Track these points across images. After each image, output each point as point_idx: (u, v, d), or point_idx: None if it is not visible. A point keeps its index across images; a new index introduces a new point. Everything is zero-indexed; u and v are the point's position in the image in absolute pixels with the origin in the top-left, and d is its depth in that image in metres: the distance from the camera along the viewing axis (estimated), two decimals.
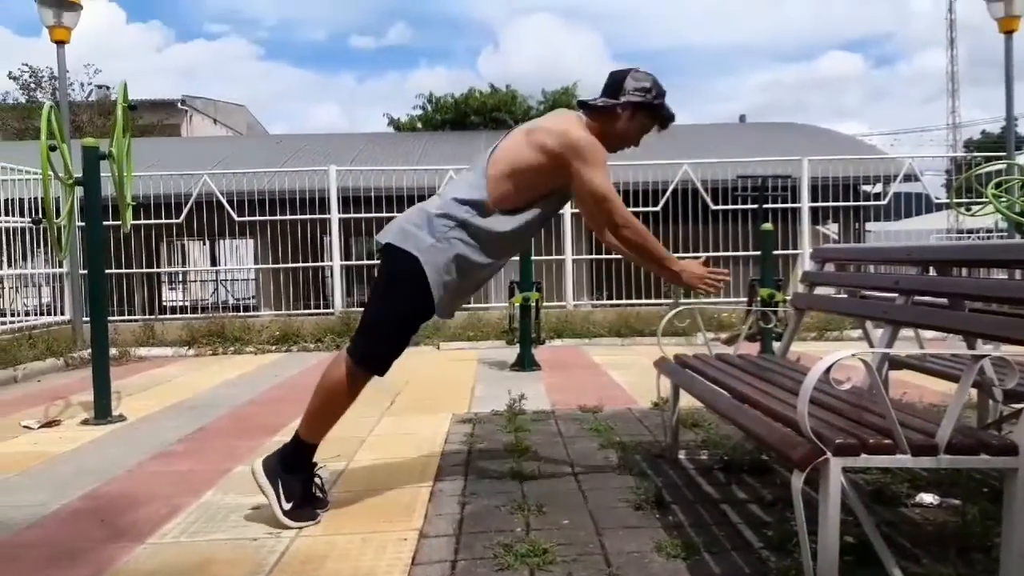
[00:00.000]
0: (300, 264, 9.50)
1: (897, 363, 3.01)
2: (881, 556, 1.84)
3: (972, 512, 2.37)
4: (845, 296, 2.94)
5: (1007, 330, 1.91)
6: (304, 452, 2.56)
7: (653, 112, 2.63)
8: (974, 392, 2.99)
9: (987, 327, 1.99)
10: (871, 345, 2.89)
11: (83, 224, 4.70)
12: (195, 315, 9.25)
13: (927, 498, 2.57)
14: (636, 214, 8.57)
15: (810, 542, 1.72)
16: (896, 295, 2.47)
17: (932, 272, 2.40)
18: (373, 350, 2.52)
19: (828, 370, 1.75)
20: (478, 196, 2.48)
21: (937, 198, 8.81)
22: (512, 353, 6.08)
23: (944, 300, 2.30)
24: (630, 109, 2.58)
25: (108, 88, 23.61)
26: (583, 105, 2.66)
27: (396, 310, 2.51)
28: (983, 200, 5.40)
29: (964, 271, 2.65)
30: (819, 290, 3.26)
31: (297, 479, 2.52)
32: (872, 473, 2.73)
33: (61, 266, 8.15)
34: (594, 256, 9.64)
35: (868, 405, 2.08)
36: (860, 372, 2.59)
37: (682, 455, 3.15)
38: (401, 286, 2.48)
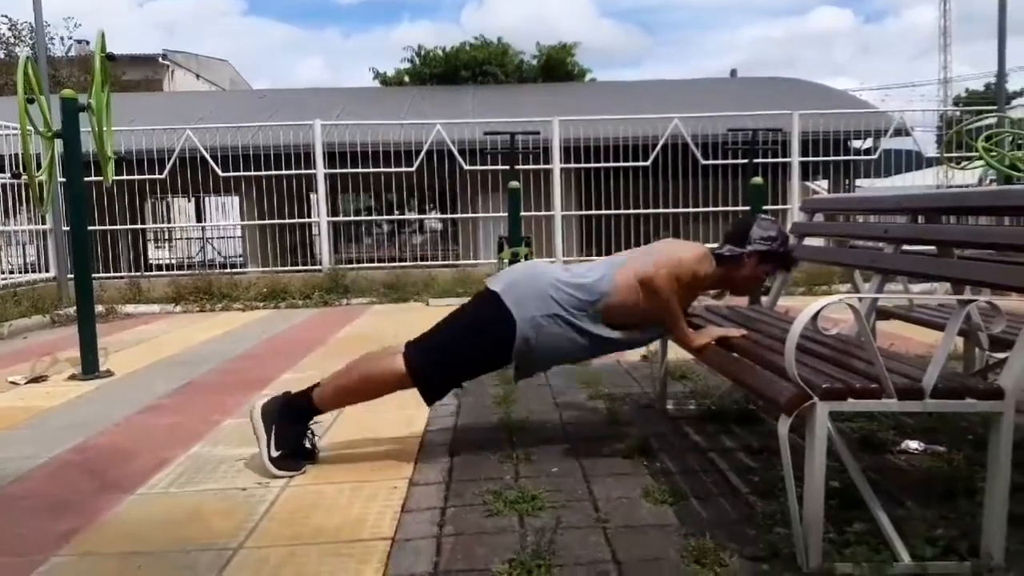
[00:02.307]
0: (286, 220, 9.42)
1: (885, 313, 3.02)
2: (867, 500, 1.86)
3: (957, 458, 2.41)
4: (834, 247, 2.94)
5: (996, 276, 1.91)
6: (309, 412, 2.57)
7: (777, 259, 2.66)
8: (961, 342, 3.02)
9: (977, 273, 1.98)
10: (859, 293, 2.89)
11: (64, 179, 4.62)
12: (181, 272, 9.18)
13: (912, 444, 2.60)
14: (627, 169, 8.53)
15: (796, 487, 1.73)
16: (885, 244, 2.47)
17: (921, 221, 2.39)
18: (434, 370, 2.52)
19: (816, 316, 1.76)
20: (593, 303, 2.51)
21: (927, 154, 8.78)
22: None
23: (933, 248, 2.29)
24: (757, 257, 2.60)
25: (88, 43, 23.02)
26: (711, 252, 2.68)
27: (475, 351, 2.54)
28: (973, 155, 5.38)
29: (953, 219, 2.64)
30: (808, 241, 3.25)
31: (292, 430, 2.53)
32: (858, 421, 2.76)
33: (44, 222, 8.05)
34: (583, 212, 9.60)
35: (855, 351, 2.08)
36: (848, 322, 2.61)
37: (670, 405, 3.17)
38: (489, 333, 2.51)
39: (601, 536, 1.96)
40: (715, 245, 2.70)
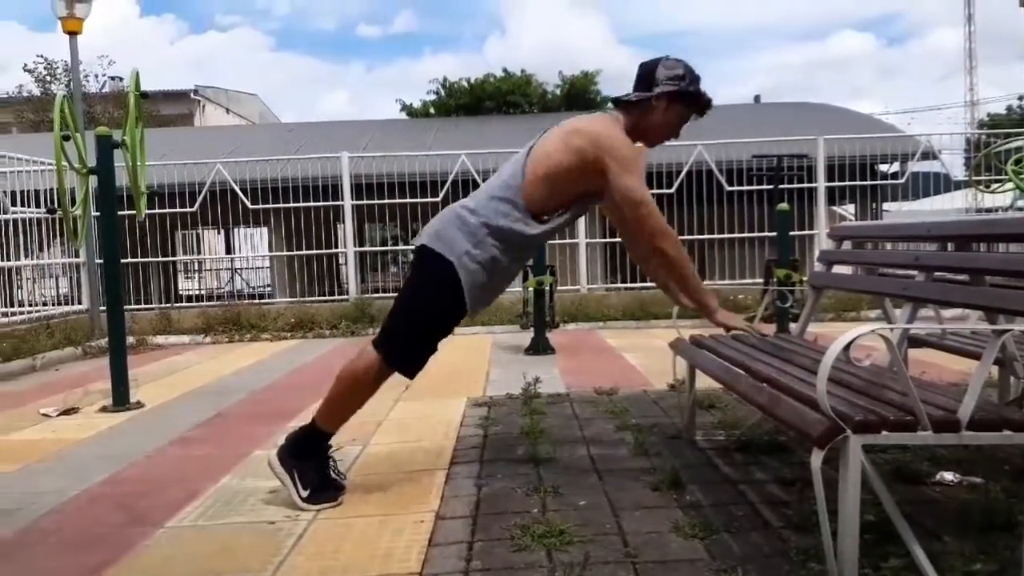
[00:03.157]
0: (314, 251, 9.52)
1: (917, 341, 2.97)
2: (902, 534, 1.82)
3: (994, 490, 2.35)
4: (863, 274, 2.90)
5: None
6: (319, 438, 2.57)
7: (689, 99, 2.55)
8: (994, 370, 2.96)
9: (1009, 302, 1.95)
10: (891, 323, 2.86)
11: (98, 213, 4.72)
12: (211, 303, 9.30)
13: (948, 476, 2.54)
14: (657, 195, 8.47)
15: (830, 522, 1.70)
16: (916, 272, 2.43)
17: (951, 248, 2.36)
18: (404, 350, 2.52)
19: (848, 346, 1.73)
20: (513, 197, 2.46)
21: (955, 177, 8.68)
22: (526, 337, 6.07)
23: (965, 276, 2.26)
24: (665, 99, 2.51)
25: (122, 79, 23.71)
26: (616, 102, 2.61)
27: (430, 310, 2.52)
28: (1003, 177, 5.31)
29: (984, 247, 2.60)
30: (837, 269, 3.22)
31: (311, 465, 2.53)
32: (891, 452, 2.70)
33: (78, 256, 8.22)
34: (608, 240, 9.59)
35: (888, 382, 2.05)
36: (880, 351, 2.57)
37: (699, 436, 3.13)
38: (435, 287, 2.49)
39: (631, 571, 1.93)
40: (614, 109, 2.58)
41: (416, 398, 4.30)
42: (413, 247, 2.56)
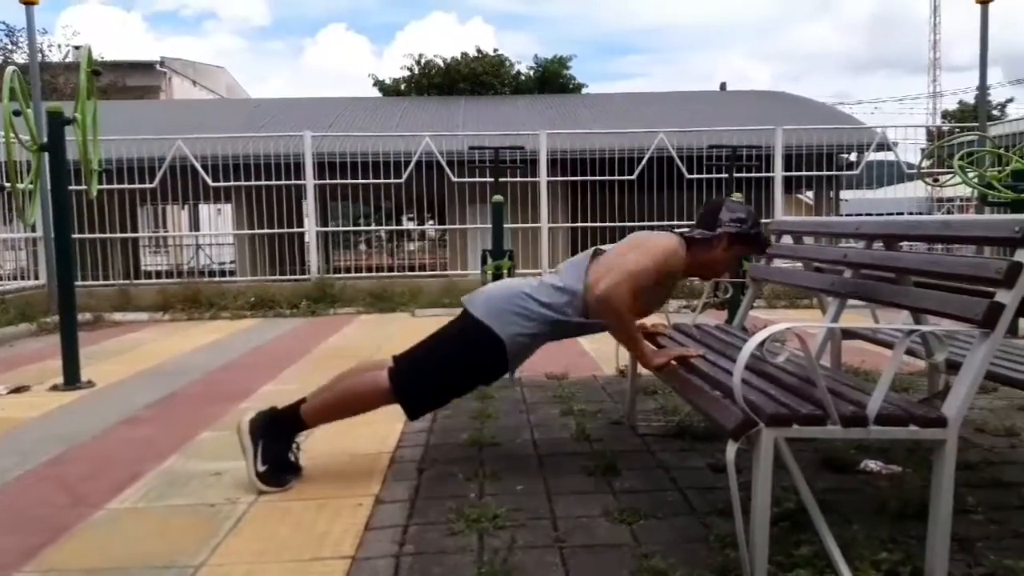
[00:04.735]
0: (276, 230, 9.45)
1: (850, 333, 3.07)
2: (815, 523, 1.91)
3: (912, 479, 2.46)
4: (801, 269, 2.99)
5: (942, 305, 1.96)
6: (295, 427, 2.60)
7: (750, 240, 2.66)
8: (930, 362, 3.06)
9: (927, 302, 2.04)
10: (823, 314, 2.95)
11: (51, 190, 4.65)
12: (170, 280, 9.21)
13: (872, 464, 2.65)
14: (613, 182, 8.61)
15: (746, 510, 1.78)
16: (845, 268, 2.52)
17: (880, 246, 2.45)
18: (420, 390, 2.56)
19: (762, 344, 1.80)
20: (572, 292, 2.55)
21: (909, 168, 8.87)
22: None
23: (890, 274, 2.35)
24: (726, 240, 2.61)
25: (86, 45, 23.13)
26: (682, 237, 2.69)
27: (466, 372, 2.58)
28: (950, 171, 5.45)
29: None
30: (779, 262, 3.31)
31: (278, 445, 2.57)
32: (820, 440, 2.80)
33: (35, 230, 8.07)
34: (570, 224, 9.67)
35: (811, 375, 2.13)
36: (817, 339, 2.66)
37: (639, 422, 3.22)
38: (479, 353, 2.54)
39: (557, 556, 2.00)
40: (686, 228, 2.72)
41: None
42: (467, 311, 2.60)
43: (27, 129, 4.30)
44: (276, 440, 2.56)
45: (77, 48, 24.20)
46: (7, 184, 4.39)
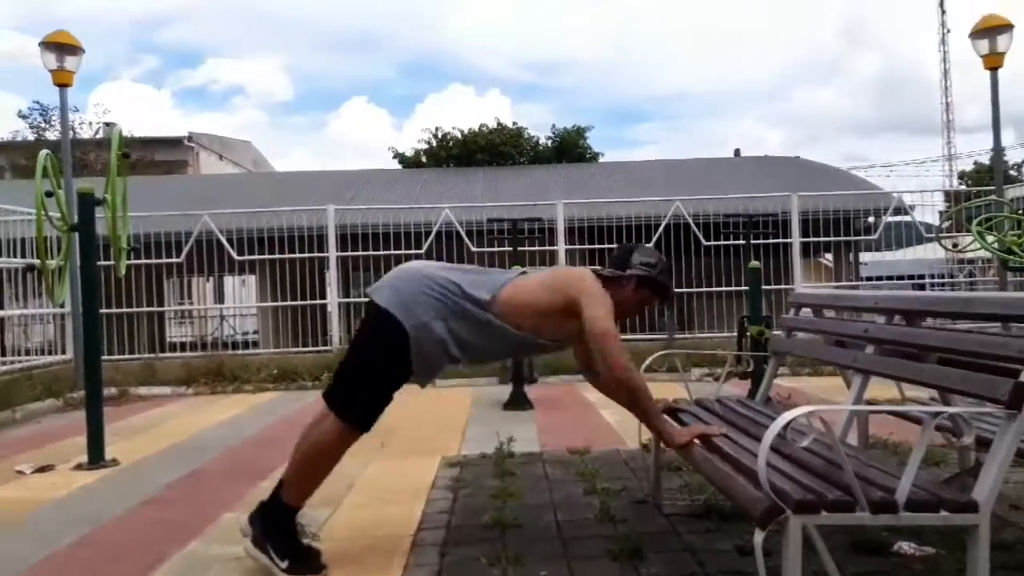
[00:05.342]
0: (299, 302, 9.57)
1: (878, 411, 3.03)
2: None
3: (946, 562, 2.38)
4: (820, 341, 2.98)
5: (967, 384, 1.94)
6: (287, 512, 2.58)
7: (656, 287, 2.74)
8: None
9: (951, 381, 2.02)
10: (848, 387, 2.92)
11: (80, 269, 4.77)
12: (195, 353, 9.30)
13: (905, 547, 2.57)
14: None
15: None
16: (867, 344, 2.51)
17: (900, 320, 2.44)
18: (355, 402, 2.56)
19: (786, 427, 1.79)
20: (485, 296, 2.55)
21: (928, 231, 8.86)
22: (506, 391, 6.10)
23: (912, 350, 2.33)
24: (635, 281, 2.69)
25: (114, 125, 24.00)
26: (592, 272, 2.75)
27: (379, 367, 2.56)
28: (969, 236, 5.44)
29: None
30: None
31: (286, 538, 2.54)
32: None
33: (63, 306, 8.23)
34: None
35: (837, 460, 2.10)
36: (841, 420, 2.63)
37: (665, 501, 3.16)
38: (386, 347, 2.53)
39: None
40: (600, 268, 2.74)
41: (391, 457, 4.32)
42: (371, 301, 2.58)
43: (58, 208, 4.45)
44: (280, 534, 2.54)
45: (108, 125, 25.13)
46: (37, 260, 4.51)
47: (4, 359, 7.77)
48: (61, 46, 7.35)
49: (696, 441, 2.45)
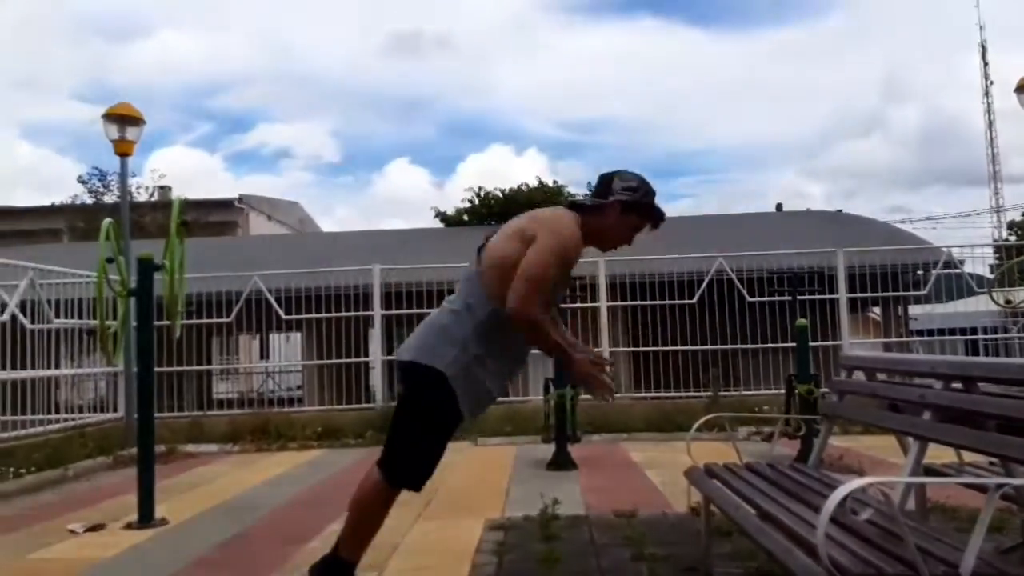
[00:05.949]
0: (343, 360, 9.68)
1: (935, 471, 2.94)
2: None
3: None
4: (874, 405, 2.92)
5: None
6: (346, 568, 2.59)
7: (643, 210, 2.71)
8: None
9: (1009, 450, 1.96)
10: (905, 453, 2.84)
11: (136, 330, 4.92)
12: (241, 410, 9.43)
13: None
14: (673, 306, 8.57)
15: None
16: (923, 409, 2.45)
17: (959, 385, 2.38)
18: (412, 470, 2.59)
19: (844, 500, 1.75)
20: (476, 297, 2.59)
21: (979, 286, 8.65)
22: (549, 450, 6.05)
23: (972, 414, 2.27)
24: (618, 207, 2.66)
25: (170, 188, 25.09)
26: (573, 205, 2.78)
27: (430, 425, 2.58)
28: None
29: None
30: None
31: None
32: None
33: (116, 365, 8.45)
34: (632, 348, 9.63)
35: (896, 528, 2.04)
36: (899, 490, 2.55)
37: (716, 568, 3.08)
38: (430, 399, 2.55)
39: None
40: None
41: (435, 516, 4.30)
42: (399, 361, 2.63)
43: (118, 273, 4.62)
44: None
45: (163, 189, 26.12)
46: (95, 322, 4.66)
47: (58, 416, 7.97)
48: (123, 117, 7.72)
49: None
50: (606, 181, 2.70)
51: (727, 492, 2.71)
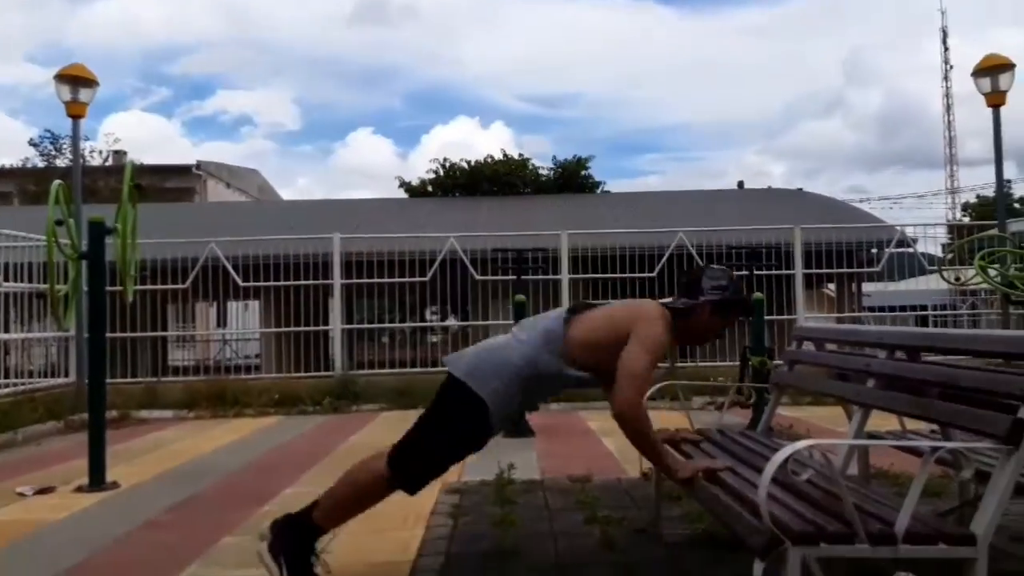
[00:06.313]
0: (302, 328, 9.60)
1: (878, 437, 3.04)
2: None
3: None
4: (823, 373, 2.99)
5: (966, 420, 1.96)
6: (313, 533, 2.59)
7: (733, 308, 2.71)
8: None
9: (948, 416, 2.03)
10: (849, 419, 2.92)
11: (88, 294, 4.81)
12: (197, 377, 9.31)
13: None
14: (633, 280, 8.68)
15: None
16: (869, 378, 2.52)
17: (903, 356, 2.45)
18: (419, 471, 2.57)
19: (786, 461, 1.80)
20: (553, 345, 2.56)
21: (930, 264, 8.90)
22: None
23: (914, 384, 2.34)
24: (709, 308, 2.64)
25: (125, 153, 24.38)
26: (665, 306, 2.71)
27: (454, 439, 2.58)
28: (971, 270, 5.47)
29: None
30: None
31: (300, 559, 2.54)
32: None
33: (68, 330, 8.27)
34: None
35: (837, 492, 2.10)
36: (841, 453, 2.63)
37: (665, 530, 3.15)
38: (462, 418, 2.54)
39: None
40: (668, 300, 2.71)
41: None
42: (449, 373, 2.59)
43: (68, 236, 4.50)
44: (298, 553, 2.54)
45: (117, 153, 25.42)
46: (45, 286, 4.55)
47: (7, 381, 7.78)
48: (76, 79, 7.49)
49: (699, 475, 2.44)
50: (695, 280, 2.69)
51: (677, 456, 2.75)
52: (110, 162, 24.78)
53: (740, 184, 24.14)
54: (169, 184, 22.97)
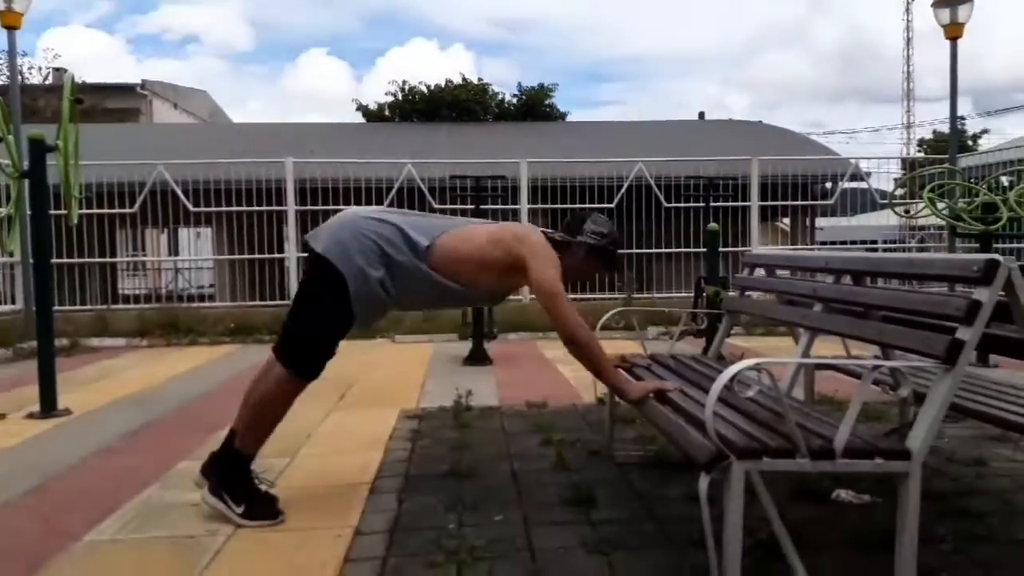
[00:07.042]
0: (256, 256, 9.44)
1: (819, 365, 3.15)
2: (787, 553, 1.95)
3: (883, 509, 2.51)
4: (773, 301, 3.07)
5: (905, 340, 2.03)
6: (242, 461, 2.60)
7: (605, 257, 2.75)
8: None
9: (889, 337, 2.11)
10: (796, 343, 3.02)
11: (31, 217, 4.65)
12: (149, 305, 9.16)
13: (844, 494, 2.70)
14: (592, 209, 8.72)
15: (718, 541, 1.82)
16: (815, 302, 2.59)
17: (849, 281, 2.52)
18: (305, 354, 2.59)
19: (732, 379, 1.86)
20: (424, 241, 2.55)
21: (882, 197, 9.08)
22: (466, 347, 6.15)
23: (858, 308, 2.42)
24: (585, 248, 2.69)
25: (65, 71, 23.10)
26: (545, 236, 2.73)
27: (324, 318, 2.58)
28: (920, 202, 5.59)
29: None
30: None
31: (241, 485, 2.57)
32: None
33: (11, 255, 8.01)
34: None
35: (780, 408, 2.18)
36: (787, 373, 2.72)
37: (618, 451, 3.25)
38: (327, 295, 2.55)
39: None
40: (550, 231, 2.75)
41: (349, 409, 4.36)
42: (311, 249, 2.57)
43: (8, 155, 4.31)
44: (236, 481, 2.57)
45: (58, 71, 24.19)
46: None
47: None
48: None
49: (650, 395, 2.51)
50: (578, 221, 2.73)
51: (630, 379, 2.82)
52: (50, 80, 23.59)
53: (701, 115, 24.07)
54: (112, 104, 22.00)
